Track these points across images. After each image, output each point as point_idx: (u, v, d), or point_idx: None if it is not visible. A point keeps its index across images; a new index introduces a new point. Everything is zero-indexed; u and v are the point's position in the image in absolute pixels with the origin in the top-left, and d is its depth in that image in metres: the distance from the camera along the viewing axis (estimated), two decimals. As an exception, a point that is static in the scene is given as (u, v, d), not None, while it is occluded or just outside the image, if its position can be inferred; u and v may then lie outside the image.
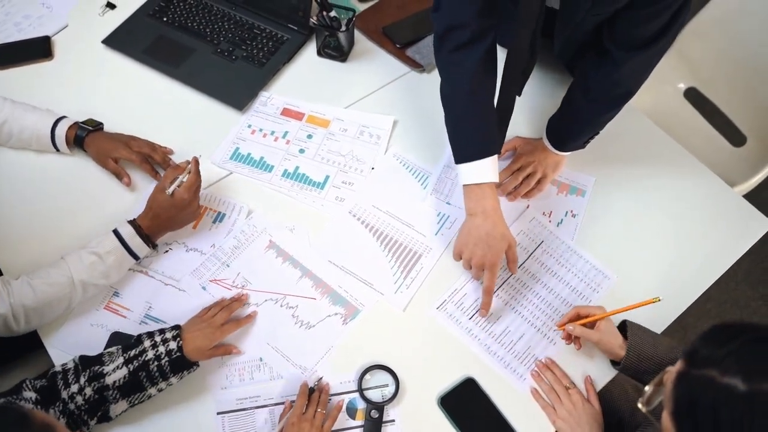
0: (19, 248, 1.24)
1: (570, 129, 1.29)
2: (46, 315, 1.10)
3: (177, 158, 1.35)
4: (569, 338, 1.17)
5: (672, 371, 0.73)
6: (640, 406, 0.80)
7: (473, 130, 1.16)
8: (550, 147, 1.32)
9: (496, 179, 1.16)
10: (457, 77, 1.15)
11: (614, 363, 1.14)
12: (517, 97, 1.26)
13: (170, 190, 1.16)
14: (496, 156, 1.16)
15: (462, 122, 1.18)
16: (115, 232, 1.14)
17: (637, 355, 1.09)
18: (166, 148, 1.35)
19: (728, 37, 1.68)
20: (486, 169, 1.14)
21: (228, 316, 1.14)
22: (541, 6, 1.05)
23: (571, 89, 1.28)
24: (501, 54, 1.16)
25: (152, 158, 1.32)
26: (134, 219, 1.17)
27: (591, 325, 1.13)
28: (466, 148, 1.16)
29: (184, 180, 1.17)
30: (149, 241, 1.17)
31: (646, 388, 0.79)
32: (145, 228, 1.16)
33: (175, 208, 1.17)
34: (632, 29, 1.06)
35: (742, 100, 1.72)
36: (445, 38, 1.12)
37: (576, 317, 1.15)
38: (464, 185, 1.18)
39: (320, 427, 1.05)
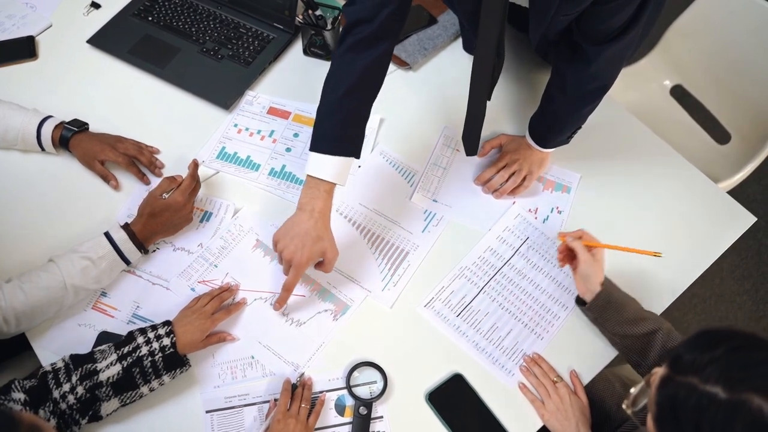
0: (7, 247, 1.23)
1: (551, 126, 1.30)
2: (36, 318, 1.10)
3: (163, 158, 1.35)
4: (564, 252, 1.18)
5: (658, 373, 0.74)
6: (624, 407, 0.81)
7: (337, 126, 1.12)
8: (534, 145, 1.33)
9: (339, 183, 1.12)
10: (343, 74, 1.12)
11: (580, 303, 1.18)
12: (488, 101, 1.25)
13: (166, 195, 1.16)
14: (349, 161, 1.12)
15: (330, 115, 1.12)
16: (108, 237, 1.14)
17: (607, 300, 1.12)
18: (152, 147, 1.35)
19: (714, 36, 1.69)
20: (333, 168, 1.10)
21: (218, 306, 1.15)
22: (503, 7, 1.04)
23: (548, 87, 1.29)
24: (468, 61, 1.13)
25: (138, 160, 1.31)
26: (127, 224, 1.17)
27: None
28: (323, 139, 1.11)
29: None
30: (142, 246, 1.17)
31: (632, 390, 0.80)
32: (138, 233, 1.16)
33: (169, 212, 1.17)
34: (599, 24, 1.07)
35: (727, 98, 1.73)
36: (349, 31, 1.12)
37: (579, 237, 1.16)
38: (307, 175, 1.12)
39: (305, 422, 1.06)
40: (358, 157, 1.14)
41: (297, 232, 1.11)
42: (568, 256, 1.18)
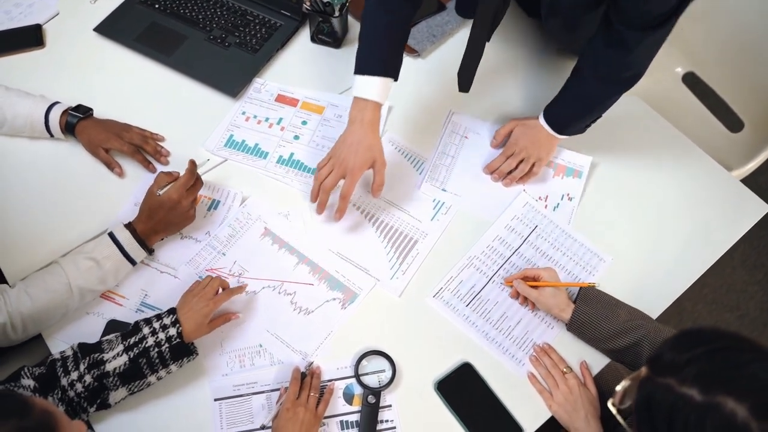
0: (14, 234, 1.24)
1: (576, 111, 1.27)
2: (43, 322, 1.09)
3: (170, 146, 1.35)
4: (517, 295, 1.21)
5: (641, 373, 0.74)
6: (610, 406, 0.79)
7: (377, 48, 1.19)
8: (549, 130, 1.30)
9: (381, 101, 1.20)
10: (382, 2, 1.19)
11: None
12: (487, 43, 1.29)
13: (161, 191, 1.15)
14: (389, 81, 1.20)
15: (370, 38, 1.20)
16: (112, 237, 1.13)
17: (580, 322, 1.14)
18: (157, 135, 1.35)
19: (727, 22, 1.67)
20: (376, 87, 1.18)
21: (218, 285, 1.13)
22: None
23: (579, 70, 1.25)
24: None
25: (143, 149, 1.31)
26: (130, 222, 1.16)
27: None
28: (366, 62, 1.19)
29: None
30: (145, 245, 1.16)
31: (617, 388, 0.78)
32: (140, 231, 1.15)
33: (164, 209, 1.15)
34: (643, 6, 1.03)
35: (740, 86, 1.71)
36: None
37: (523, 275, 1.19)
38: (354, 96, 1.20)
39: (314, 411, 1.06)
40: (396, 78, 1.22)
41: (350, 141, 1.19)
42: (524, 297, 1.20)
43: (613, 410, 0.79)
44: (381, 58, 1.19)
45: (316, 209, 1.23)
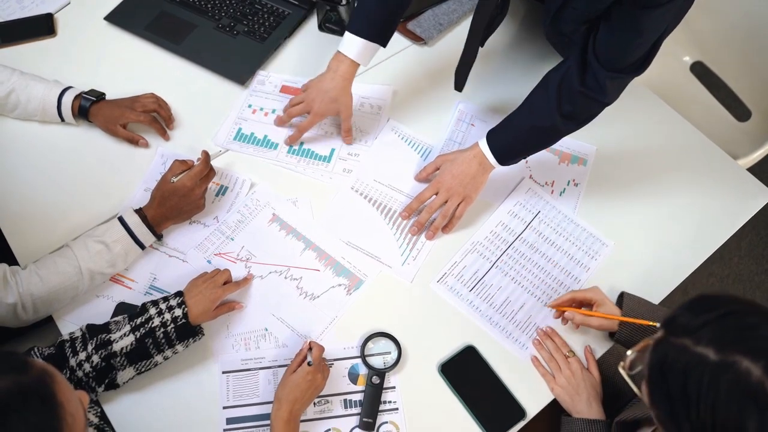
0: (23, 220, 1.26)
1: (526, 143, 1.22)
2: (53, 304, 1.11)
3: (179, 134, 1.37)
4: (564, 320, 1.17)
5: (654, 338, 0.74)
6: (620, 369, 0.80)
7: (370, 11, 1.23)
8: (488, 158, 1.22)
9: (359, 62, 1.25)
10: None
11: (612, 334, 1.15)
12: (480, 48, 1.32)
13: (175, 179, 1.17)
14: (375, 46, 1.25)
15: (367, 4, 1.24)
16: (122, 221, 1.15)
17: (631, 329, 1.11)
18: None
19: (736, 11, 1.66)
20: (357, 48, 1.23)
21: (228, 276, 1.16)
22: None
23: (538, 100, 1.19)
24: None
25: (159, 114, 1.33)
26: (140, 208, 1.18)
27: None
28: (355, 21, 1.24)
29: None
30: (154, 231, 1.18)
31: (628, 352, 0.79)
32: (150, 217, 1.17)
33: (177, 196, 1.17)
34: (613, 47, 1.08)
35: (748, 75, 1.71)
36: None
37: (571, 301, 1.14)
38: (337, 51, 1.26)
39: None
40: (384, 45, 1.26)
41: (319, 87, 1.28)
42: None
43: (624, 375, 0.80)
44: (370, 22, 1.22)
45: (275, 120, 1.37)
